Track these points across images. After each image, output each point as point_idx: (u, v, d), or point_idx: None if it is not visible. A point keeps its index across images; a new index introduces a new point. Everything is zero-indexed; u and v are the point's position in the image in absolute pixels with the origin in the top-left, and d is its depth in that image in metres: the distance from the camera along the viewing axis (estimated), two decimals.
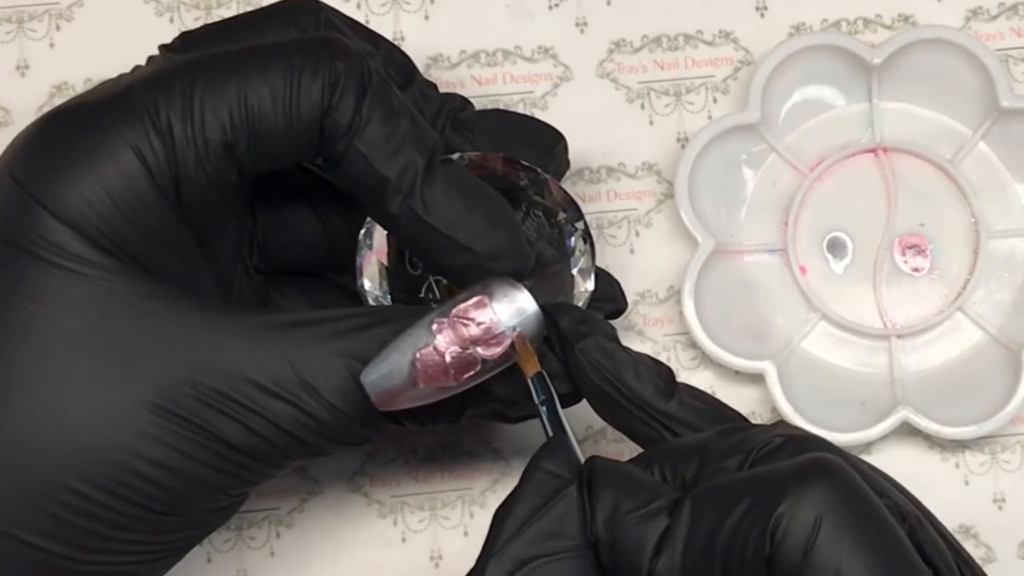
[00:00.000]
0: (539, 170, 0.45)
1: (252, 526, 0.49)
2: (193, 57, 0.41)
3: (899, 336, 0.50)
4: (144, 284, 0.40)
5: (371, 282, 0.45)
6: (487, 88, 0.52)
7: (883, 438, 0.48)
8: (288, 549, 0.49)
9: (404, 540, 0.49)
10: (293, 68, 0.40)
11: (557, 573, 0.35)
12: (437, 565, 0.49)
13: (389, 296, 0.45)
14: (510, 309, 0.40)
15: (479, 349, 0.40)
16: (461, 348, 0.40)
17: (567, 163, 0.48)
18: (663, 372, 0.41)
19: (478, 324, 0.40)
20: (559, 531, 0.35)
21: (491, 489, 0.49)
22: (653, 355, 0.49)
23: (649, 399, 0.40)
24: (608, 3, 0.52)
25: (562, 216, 0.45)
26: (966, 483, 0.49)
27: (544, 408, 0.39)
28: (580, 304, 0.45)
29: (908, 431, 0.49)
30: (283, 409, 0.39)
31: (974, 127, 0.51)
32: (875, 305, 0.50)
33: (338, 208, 0.46)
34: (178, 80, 0.40)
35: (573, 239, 0.45)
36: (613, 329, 0.42)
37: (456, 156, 0.44)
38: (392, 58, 0.45)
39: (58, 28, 0.52)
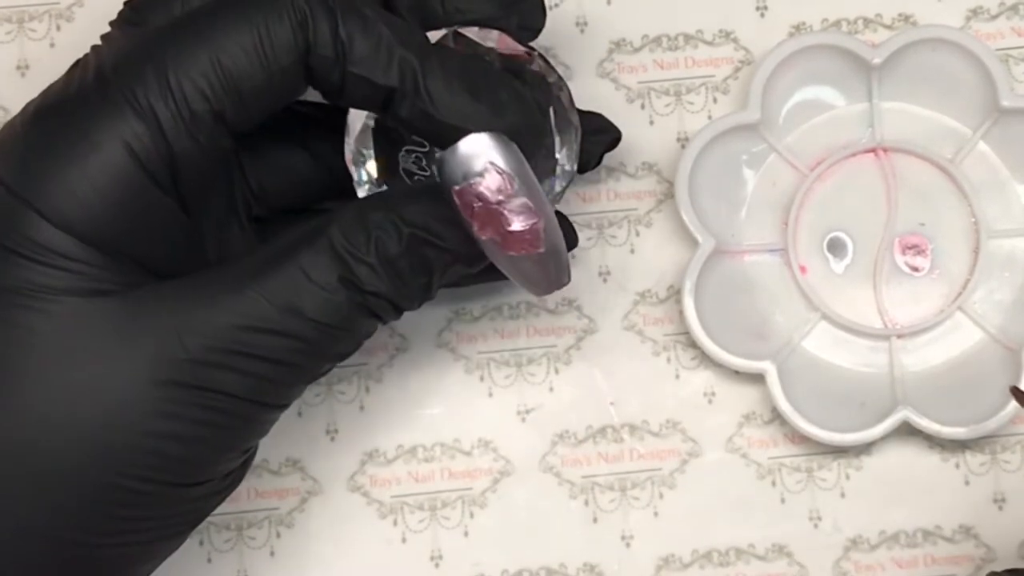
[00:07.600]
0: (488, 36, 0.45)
1: (252, 526, 0.49)
2: (152, 31, 0.41)
3: (899, 336, 0.50)
4: (131, 275, 0.40)
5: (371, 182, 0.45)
6: None
7: (883, 438, 0.48)
8: (288, 549, 0.49)
9: (404, 540, 0.49)
10: (256, 18, 0.40)
11: None
12: (437, 565, 0.49)
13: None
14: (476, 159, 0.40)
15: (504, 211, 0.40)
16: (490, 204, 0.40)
17: (542, 11, 0.46)
18: None
19: (492, 190, 0.40)
20: None
21: (491, 489, 0.49)
22: (653, 355, 0.50)
23: None
24: (608, 3, 0.52)
25: (530, 67, 0.45)
26: (966, 483, 0.49)
27: None
28: (575, 141, 0.45)
29: (908, 431, 0.49)
30: (270, 341, 0.39)
31: (974, 127, 0.51)
32: (875, 305, 0.50)
33: (320, 132, 0.46)
34: (147, 58, 0.39)
35: (550, 80, 0.45)
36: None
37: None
38: None
39: (58, 28, 0.52)
